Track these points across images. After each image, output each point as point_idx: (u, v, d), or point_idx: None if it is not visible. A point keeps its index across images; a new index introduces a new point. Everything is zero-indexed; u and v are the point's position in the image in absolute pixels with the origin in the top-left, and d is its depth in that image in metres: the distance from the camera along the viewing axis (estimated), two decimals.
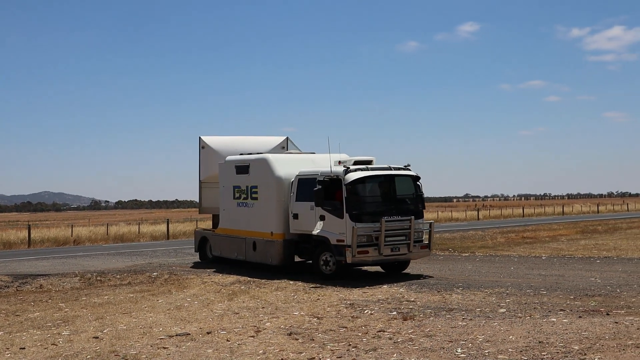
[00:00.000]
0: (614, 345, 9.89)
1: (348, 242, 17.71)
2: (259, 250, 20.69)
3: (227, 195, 22.24)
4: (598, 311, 12.86)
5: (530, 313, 12.83)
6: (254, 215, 20.98)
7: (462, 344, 10.34)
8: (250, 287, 17.48)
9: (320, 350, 10.22)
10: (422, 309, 13.64)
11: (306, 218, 19.07)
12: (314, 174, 19.03)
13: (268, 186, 20.34)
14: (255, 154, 21.91)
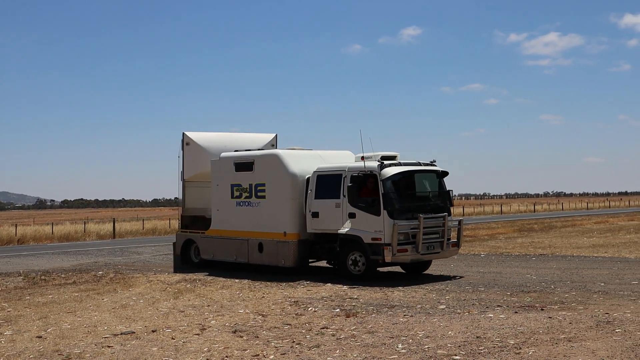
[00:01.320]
0: (547, 339, 10.07)
1: (387, 241, 16.75)
2: (267, 252, 19.32)
3: (223, 194, 20.73)
4: (533, 307, 13.08)
5: (468, 309, 12.98)
6: (260, 214, 19.59)
7: (403, 339, 10.41)
8: (196, 286, 17.35)
9: (265, 347, 10.19)
10: (365, 306, 13.70)
11: (329, 216, 17.94)
12: (337, 170, 18.10)
13: (280, 183, 19.03)
14: (255, 150, 21.07)
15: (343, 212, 17.62)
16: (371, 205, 17.13)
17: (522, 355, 9.18)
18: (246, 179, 19.95)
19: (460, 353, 9.42)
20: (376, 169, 17.11)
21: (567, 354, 9.09)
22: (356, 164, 17.91)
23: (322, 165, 18.72)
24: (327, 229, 18.08)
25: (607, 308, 12.63)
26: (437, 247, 17.78)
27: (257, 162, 19.73)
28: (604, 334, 10.32)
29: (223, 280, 18.25)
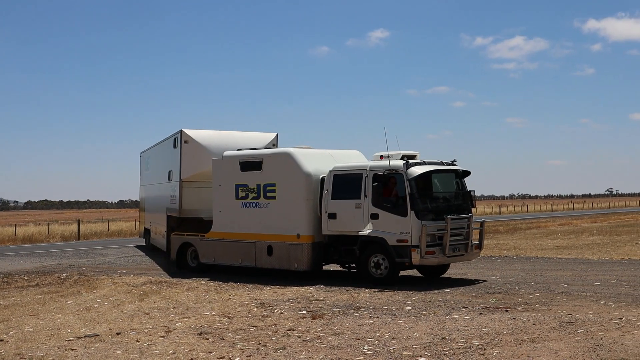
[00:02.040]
0: (511, 340, 10.15)
1: (414, 242, 16.06)
2: (277, 256, 18.40)
3: (227, 195, 19.56)
4: (498, 308, 13.18)
5: (434, 310, 13.04)
6: (269, 216, 18.61)
7: (369, 341, 10.43)
8: (161, 288, 17.22)
9: (230, 349, 10.14)
10: (331, 307, 13.70)
11: (348, 217, 17.16)
12: (357, 169, 17.34)
13: (293, 184, 18.13)
14: (261, 148, 20.23)
15: (364, 213, 16.92)
16: (397, 205, 16.47)
17: (486, 356, 9.24)
18: (253, 178, 18.98)
19: (425, 354, 9.46)
20: (402, 168, 16.45)
21: (531, 355, 9.17)
22: (378, 163, 17.26)
23: (338, 165, 17.95)
24: (346, 230, 17.35)
25: (570, 309, 12.77)
26: (461, 249, 17.16)
27: (267, 161, 18.80)
28: (566, 334, 10.43)
29: (189, 282, 18.13)
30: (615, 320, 11.44)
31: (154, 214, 27.40)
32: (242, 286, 17.17)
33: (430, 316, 12.43)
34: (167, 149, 24.10)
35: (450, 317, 12.30)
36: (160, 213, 24.90)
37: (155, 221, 26.59)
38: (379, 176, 16.69)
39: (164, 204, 24.03)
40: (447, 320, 11.91)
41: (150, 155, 29.02)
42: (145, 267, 22.88)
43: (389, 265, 16.62)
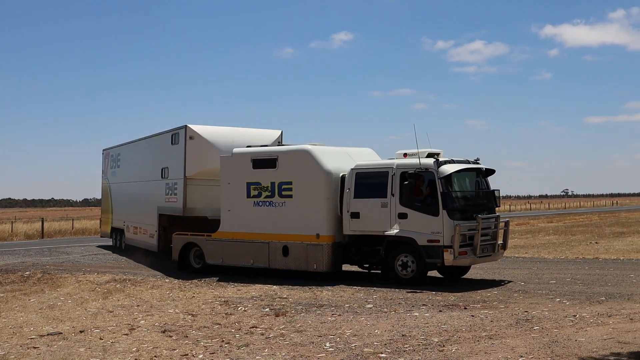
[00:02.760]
0: (469, 336, 10.24)
1: (446, 243, 15.43)
2: (293, 256, 17.51)
3: (236, 193, 18.58)
4: (457, 305, 13.29)
5: (395, 308, 13.10)
6: (285, 215, 17.74)
7: (331, 338, 10.45)
8: (125, 286, 17.07)
9: (194, 346, 10.09)
10: (294, 305, 13.70)
11: (373, 217, 16.44)
12: (383, 167, 16.67)
13: (312, 182, 17.29)
14: (271, 145, 19.32)
15: (391, 213, 16.20)
16: (428, 204, 15.84)
17: (445, 352, 9.31)
18: (267, 176, 18.04)
19: (386, 351, 9.50)
20: (433, 166, 15.81)
21: (488, 351, 9.26)
22: (406, 161, 16.60)
23: (360, 163, 17.24)
24: (370, 230, 16.64)
25: (526, 306, 12.92)
26: (489, 249, 16.57)
27: (282, 158, 17.89)
28: (523, 331, 10.55)
29: (153, 280, 18.00)
30: (570, 317, 11.60)
31: (134, 212, 25.71)
32: (206, 284, 17.11)
33: (391, 314, 12.48)
34: (160, 145, 22.74)
35: (410, 314, 12.37)
36: (146, 212, 23.52)
37: (138, 220, 25.03)
38: (410, 174, 15.92)
39: (152, 202, 22.74)
40: (407, 318, 11.98)
41: (126, 152, 27.49)
42: (109, 266, 22.65)
43: (417, 265, 16.00)
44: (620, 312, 11.99)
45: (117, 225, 28.28)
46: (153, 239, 22.54)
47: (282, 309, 13.14)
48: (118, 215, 28.35)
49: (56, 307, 14.17)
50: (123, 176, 27.77)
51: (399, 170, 16.19)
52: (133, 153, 26.64)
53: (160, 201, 22.06)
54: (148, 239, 23.37)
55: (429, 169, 15.79)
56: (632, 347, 9.23)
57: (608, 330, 10.38)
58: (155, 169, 22.85)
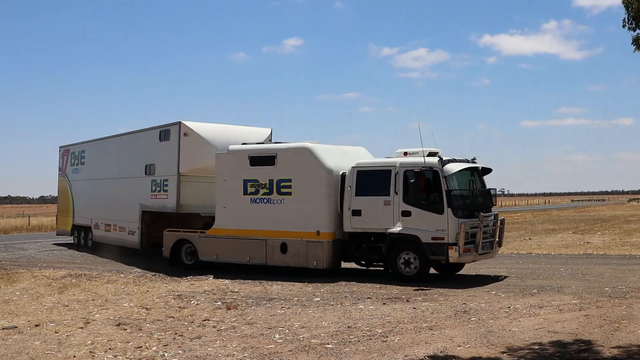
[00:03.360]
0: (411, 327, 10.36)
1: (450, 240, 15.01)
2: (292, 253, 16.88)
3: (232, 190, 17.85)
4: (399, 298, 13.40)
5: (341, 301, 13.17)
6: (283, 212, 17.09)
7: (280, 330, 10.47)
8: (81, 281, 16.80)
9: (148, 339, 10.01)
10: (245, 298, 13.67)
11: (375, 214, 15.96)
12: (385, 166, 16.20)
13: (313, 180, 16.69)
14: (269, 142, 18.61)
15: (394, 210, 15.72)
16: (432, 202, 15.44)
17: (388, 342, 9.40)
18: (265, 174, 17.35)
19: (332, 342, 9.56)
20: (437, 164, 15.42)
21: (429, 341, 9.39)
22: (409, 159, 16.08)
23: (362, 161, 16.84)
24: (372, 227, 16.16)
25: (464, 299, 13.11)
26: (488, 247, 16.18)
27: (281, 156, 17.26)
28: (461, 322, 10.72)
29: (109, 275, 17.76)
30: (504, 309, 11.82)
31: (106, 209, 24.26)
32: (160, 279, 16.95)
33: (338, 306, 12.55)
34: (145, 142, 21.74)
35: (356, 307, 12.45)
36: (124, 209, 22.44)
37: (113, 217, 23.65)
38: (415, 173, 15.48)
39: (133, 199, 21.75)
40: (353, 310, 12.06)
41: (94, 150, 26.13)
42: (65, 261, 22.27)
43: (420, 262, 15.53)
44: (550, 303, 12.25)
45: (82, 223, 26.97)
46: (134, 236, 21.68)
47: (233, 303, 13.10)
48: (82, 213, 27.00)
49: (12, 301, 13.86)
50: (90, 173, 26.39)
51: (403, 169, 15.78)
52: (104, 150, 25.40)
53: (144, 198, 21.22)
54: (126, 236, 22.39)
55: (434, 168, 15.42)
56: (561, 336, 9.46)
57: (539, 321, 10.61)
58: (137, 166, 21.83)
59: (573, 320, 10.64)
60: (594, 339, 9.29)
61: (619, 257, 20.98)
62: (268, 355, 8.87)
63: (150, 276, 17.47)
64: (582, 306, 11.90)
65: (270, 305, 12.87)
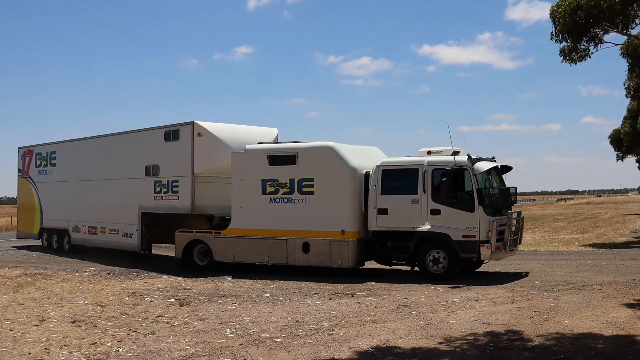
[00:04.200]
0: (356, 321, 10.40)
1: (482, 238, 14.44)
2: (315, 252, 15.94)
3: (250, 190, 16.80)
4: (345, 294, 13.44)
5: (289, 297, 13.15)
6: (305, 212, 16.15)
7: (231, 325, 10.40)
8: (36, 279, 16.40)
9: (102, 335, 9.83)
10: (197, 295, 13.55)
11: (402, 213, 15.24)
12: (412, 165, 15.43)
13: (337, 179, 15.83)
14: (288, 142, 17.30)
15: (422, 209, 15.03)
16: (463, 201, 14.86)
17: (334, 336, 9.42)
18: (285, 173, 16.38)
19: (281, 335, 9.54)
20: (467, 163, 14.86)
21: (372, 334, 9.44)
22: (438, 158, 15.40)
23: (387, 160, 16.07)
24: (399, 226, 15.40)
25: (406, 293, 13.21)
26: (512, 244, 15.67)
27: (303, 155, 16.28)
28: (402, 315, 10.81)
29: (64, 274, 17.39)
30: (443, 302, 11.95)
31: (92, 212, 22.34)
32: (115, 277, 16.68)
33: (286, 302, 12.53)
34: (146, 142, 20.16)
35: (303, 302, 12.45)
36: (118, 211, 20.83)
37: (101, 220, 21.83)
38: (446, 171, 14.84)
39: (130, 201, 20.20)
40: (301, 305, 12.05)
41: (70, 151, 24.08)
42: (20, 260, 21.71)
43: (450, 260, 14.97)
44: (485, 297, 12.42)
45: (54, 226, 24.81)
46: (132, 238, 20.19)
47: (186, 299, 12.97)
48: (55, 215, 24.76)
49: None
50: (65, 175, 24.22)
51: (431, 167, 15.13)
52: (85, 151, 23.28)
53: (145, 199, 19.78)
54: (120, 238, 20.80)
55: (464, 166, 14.88)
56: (494, 327, 9.60)
57: (475, 313, 10.76)
58: (135, 167, 20.26)
59: (506, 312, 10.80)
60: (525, 329, 9.43)
61: (548, 253, 21.48)
62: (220, 350, 8.81)
63: (104, 274, 17.18)
64: (514, 299, 12.09)
65: (221, 301, 12.77)
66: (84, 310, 11.96)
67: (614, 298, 11.69)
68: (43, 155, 25.83)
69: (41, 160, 25.92)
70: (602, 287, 12.97)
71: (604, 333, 9.01)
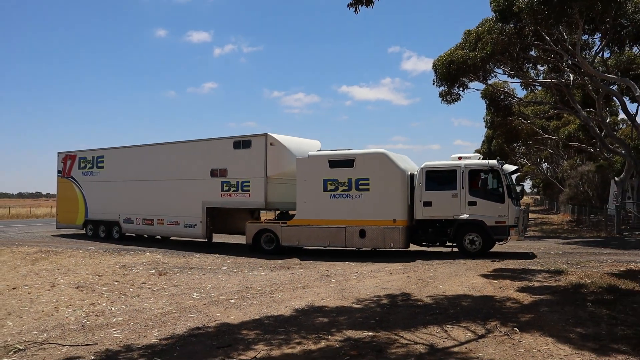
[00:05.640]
0: (290, 287, 10.41)
1: (511, 223, 14.03)
2: (370, 237, 15.03)
3: (313, 188, 15.76)
4: (283, 267, 13.44)
5: (241, 269, 13.05)
6: (362, 205, 15.17)
7: (197, 290, 10.27)
8: (49, 255, 15.79)
9: (99, 297, 9.57)
10: (172, 268, 13.30)
11: (444, 205, 14.56)
12: (451, 167, 14.67)
13: (389, 178, 14.98)
14: (344, 150, 16.00)
15: (461, 201, 14.43)
16: (496, 194, 14.22)
17: (274, 297, 9.41)
18: (344, 174, 15.47)
19: (234, 297, 9.47)
20: (498, 165, 14.40)
21: (302, 296, 9.47)
22: (474, 161, 14.81)
23: (429, 163, 15.15)
24: (442, 215, 14.69)
25: (327, 267, 13.29)
26: (525, 229, 15.36)
27: (360, 159, 15.37)
28: (324, 282, 10.86)
29: (70, 251, 16.77)
30: (354, 273, 12.07)
31: (148, 207, 20.24)
32: (110, 254, 16.20)
33: (239, 273, 12.44)
34: (213, 149, 18.29)
35: (252, 273, 12.39)
36: (181, 205, 18.95)
37: (160, 213, 19.80)
38: (482, 171, 14.37)
39: (195, 198, 18.41)
40: (250, 276, 11.99)
41: (127, 156, 21.52)
42: (36, 241, 20.85)
43: (483, 241, 14.38)
44: (384, 269, 12.59)
45: (101, 218, 22.08)
46: (194, 229, 18.54)
47: (164, 271, 12.73)
48: (103, 209, 22.08)
49: None
50: (116, 175, 21.79)
51: (467, 169, 14.52)
52: (137, 156, 21.11)
53: (210, 196, 18.05)
54: (182, 229, 19.00)
55: (495, 168, 14.36)
56: (391, 291, 9.77)
57: (377, 281, 10.90)
58: (200, 170, 18.45)
59: (399, 280, 10.96)
60: (412, 292, 9.60)
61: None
62: (188, 308, 8.68)
63: (102, 252, 16.66)
64: (405, 270, 12.28)
65: (190, 272, 12.58)
66: (85, 279, 11.60)
67: (474, 270, 11.97)
68: (88, 159, 23.18)
69: (86, 163, 23.27)
70: (466, 263, 13.25)
71: (467, 294, 9.24)
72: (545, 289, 9.42)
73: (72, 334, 7.27)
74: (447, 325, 7.14)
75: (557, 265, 12.34)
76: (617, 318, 7.30)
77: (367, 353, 6.07)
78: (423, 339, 6.58)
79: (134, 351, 6.41)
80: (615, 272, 11.26)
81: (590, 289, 9.23)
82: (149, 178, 20.61)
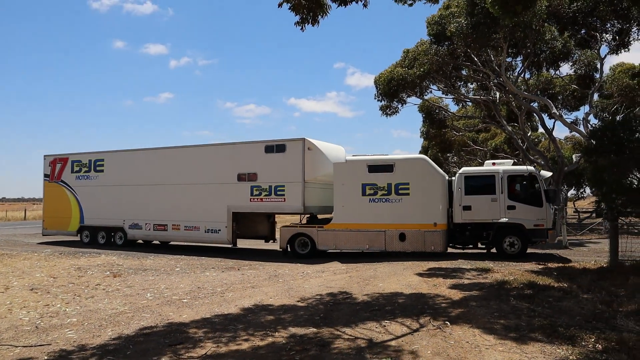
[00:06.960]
0: (240, 287, 10.33)
1: (549, 226, 13.47)
2: (410, 241, 14.32)
3: (351, 192, 14.92)
4: (234, 268, 13.29)
5: (194, 270, 12.84)
6: (402, 209, 14.46)
7: (151, 290, 10.04)
8: (3, 258, 15.02)
9: (54, 299, 9.20)
10: (127, 269, 12.94)
11: (483, 209, 13.93)
12: (490, 172, 14.07)
13: (430, 183, 14.37)
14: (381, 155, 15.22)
15: (500, 205, 13.82)
16: (534, 198, 13.69)
17: (225, 297, 9.32)
18: (383, 179, 14.68)
19: (187, 297, 9.32)
20: (536, 171, 13.98)
21: (252, 295, 9.42)
22: (512, 167, 14.28)
23: (467, 169, 14.66)
24: (481, 219, 14.05)
25: (276, 268, 13.25)
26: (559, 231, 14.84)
27: (399, 164, 14.66)
28: (273, 282, 10.83)
29: (25, 254, 16.03)
30: (300, 273, 12.09)
31: (166, 211, 18.04)
32: (65, 256, 15.58)
33: (192, 274, 12.24)
34: (241, 153, 16.68)
35: (204, 274, 12.21)
36: (201, 211, 17.24)
37: (178, 218, 17.72)
38: (522, 177, 13.89)
39: (219, 202, 16.83)
40: (202, 277, 11.82)
41: (131, 159, 19.34)
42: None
43: (522, 244, 13.77)
44: (329, 269, 12.65)
45: (101, 224, 19.73)
46: (218, 234, 16.91)
47: (118, 272, 12.36)
48: (102, 215, 19.83)
49: None
50: (120, 180, 19.59)
51: (506, 175, 13.97)
52: (144, 160, 19.10)
53: (237, 200, 16.58)
54: (203, 234, 17.25)
55: (533, 173, 13.89)
56: (333, 290, 9.84)
57: (322, 281, 10.95)
58: (226, 174, 16.89)
59: (342, 279, 11.03)
60: (353, 290, 9.69)
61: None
62: (142, 308, 8.48)
63: (57, 254, 16.01)
64: (348, 270, 12.38)
65: (144, 273, 12.28)
66: (40, 281, 11.13)
67: (411, 269, 12.16)
68: (84, 162, 20.69)
69: (80, 167, 20.79)
70: (404, 263, 13.41)
71: (403, 291, 9.40)
72: (474, 286, 9.73)
73: (26, 335, 6.97)
74: (385, 321, 7.27)
75: (484, 264, 12.77)
76: (535, 311, 7.64)
77: (311, 348, 6.10)
78: (363, 334, 6.68)
79: (88, 351, 6.21)
80: (535, 269, 11.76)
81: (512, 285, 9.60)
82: (161, 182, 18.62)
